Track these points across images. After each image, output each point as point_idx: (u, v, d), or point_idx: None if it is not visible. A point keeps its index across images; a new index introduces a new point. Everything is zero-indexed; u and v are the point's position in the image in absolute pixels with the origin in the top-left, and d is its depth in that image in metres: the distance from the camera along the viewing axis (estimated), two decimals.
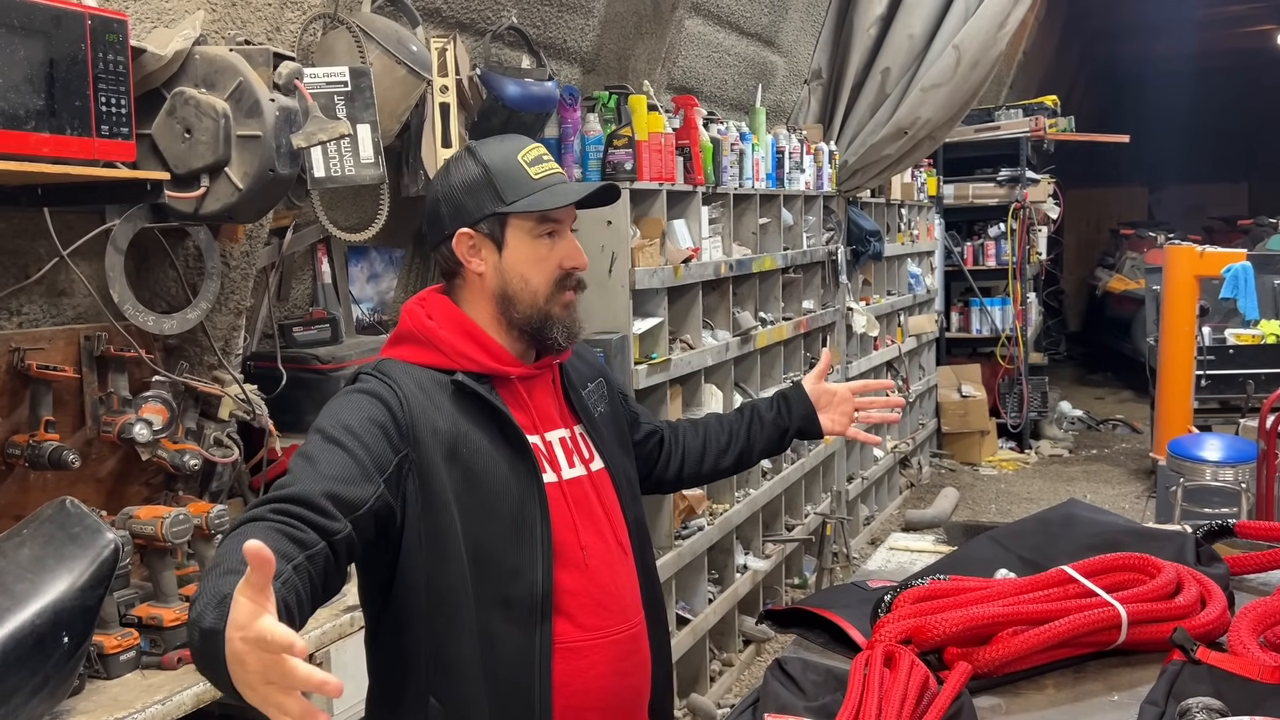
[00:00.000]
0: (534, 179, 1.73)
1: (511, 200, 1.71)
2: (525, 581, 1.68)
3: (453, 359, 1.72)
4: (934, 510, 6.86)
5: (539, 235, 1.73)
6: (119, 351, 2.49)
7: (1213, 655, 1.63)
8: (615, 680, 1.77)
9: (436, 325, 1.74)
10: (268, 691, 1.15)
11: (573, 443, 1.81)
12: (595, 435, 1.85)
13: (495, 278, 1.74)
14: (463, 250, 1.74)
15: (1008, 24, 5.44)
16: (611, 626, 1.77)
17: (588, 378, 1.91)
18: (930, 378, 8.34)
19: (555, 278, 1.75)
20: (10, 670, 1.82)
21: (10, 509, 2.32)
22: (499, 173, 1.72)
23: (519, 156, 1.74)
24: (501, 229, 1.73)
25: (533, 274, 1.73)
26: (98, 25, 1.96)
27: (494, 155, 1.74)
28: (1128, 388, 11.32)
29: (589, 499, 1.79)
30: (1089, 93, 16.27)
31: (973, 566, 2.17)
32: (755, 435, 2.14)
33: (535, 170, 1.74)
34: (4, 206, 2.19)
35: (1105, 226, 15.39)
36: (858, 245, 6.25)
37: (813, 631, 2.03)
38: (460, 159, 1.77)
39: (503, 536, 1.68)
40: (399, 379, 1.68)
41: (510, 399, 1.75)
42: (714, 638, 4.46)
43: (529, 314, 1.74)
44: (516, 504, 1.69)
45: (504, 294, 1.74)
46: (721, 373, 4.42)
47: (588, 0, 3.94)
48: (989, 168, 8.99)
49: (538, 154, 1.76)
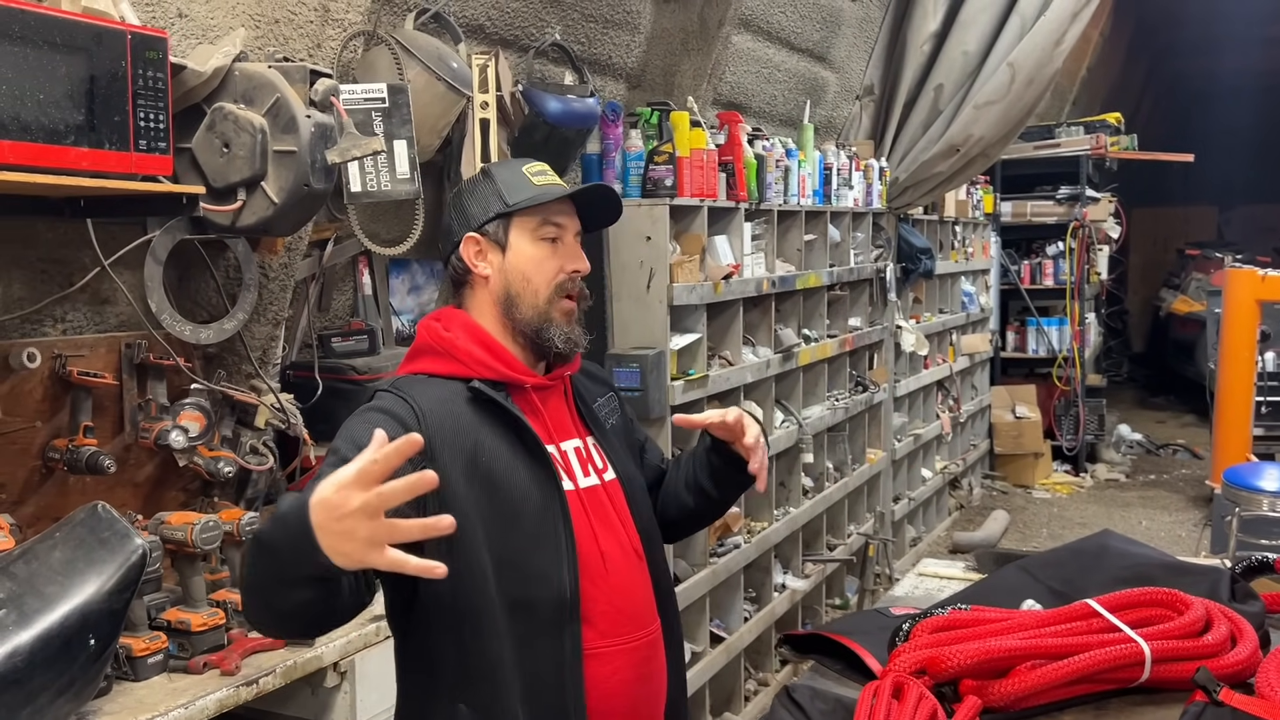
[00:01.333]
0: (536, 185, 1.82)
1: (514, 202, 1.80)
2: (552, 585, 1.70)
3: (471, 367, 1.77)
4: (983, 533, 6.75)
5: (541, 238, 1.81)
6: (158, 359, 2.54)
7: (1237, 697, 1.58)
8: (637, 686, 1.79)
9: (453, 336, 1.79)
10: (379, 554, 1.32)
11: (586, 453, 1.85)
12: (607, 445, 1.88)
13: (499, 279, 1.81)
14: (469, 254, 1.82)
15: (1064, 41, 5.35)
16: (631, 633, 1.79)
17: (597, 393, 1.95)
18: (983, 398, 8.22)
19: (556, 280, 1.81)
20: (37, 670, 1.86)
21: (49, 511, 2.38)
22: (503, 180, 1.82)
23: (524, 169, 1.85)
24: (505, 231, 1.80)
25: (534, 274, 1.80)
26: (138, 43, 2.01)
27: (500, 169, 1.86)
28: (1190, 412, 11.05)
29: (605, 508, 1.82)
30: (1156, 110, 15.95)
31: (1000, 596, 2.13)
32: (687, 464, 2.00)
33: (538, 179, 1.83)
34: (49, 218, 2.26)
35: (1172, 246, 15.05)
36: (908, 262, 6.19)
37: (830, 658, 2.00)
38: (473, 178, 1.88)
39: (527, 542, 1.71)
40: (416, 394, 1.72)
41: (525, 408, 1.79)
42: (750, 657, 4.42)
43: (529, 315, 1.79)
44: (538, 510, 1.72)
45: (507, 295, 1.80)
46: (762, 390, 4.40)
47: (634, 16, 3.96)
48: (1048, 185, 8.85)
49: (541, 168, 1.86)
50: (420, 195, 2.75)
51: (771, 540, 4.41)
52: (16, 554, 2.00)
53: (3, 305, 2.33)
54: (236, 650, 2.25)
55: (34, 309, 2.38)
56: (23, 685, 1.83)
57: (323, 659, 2.36)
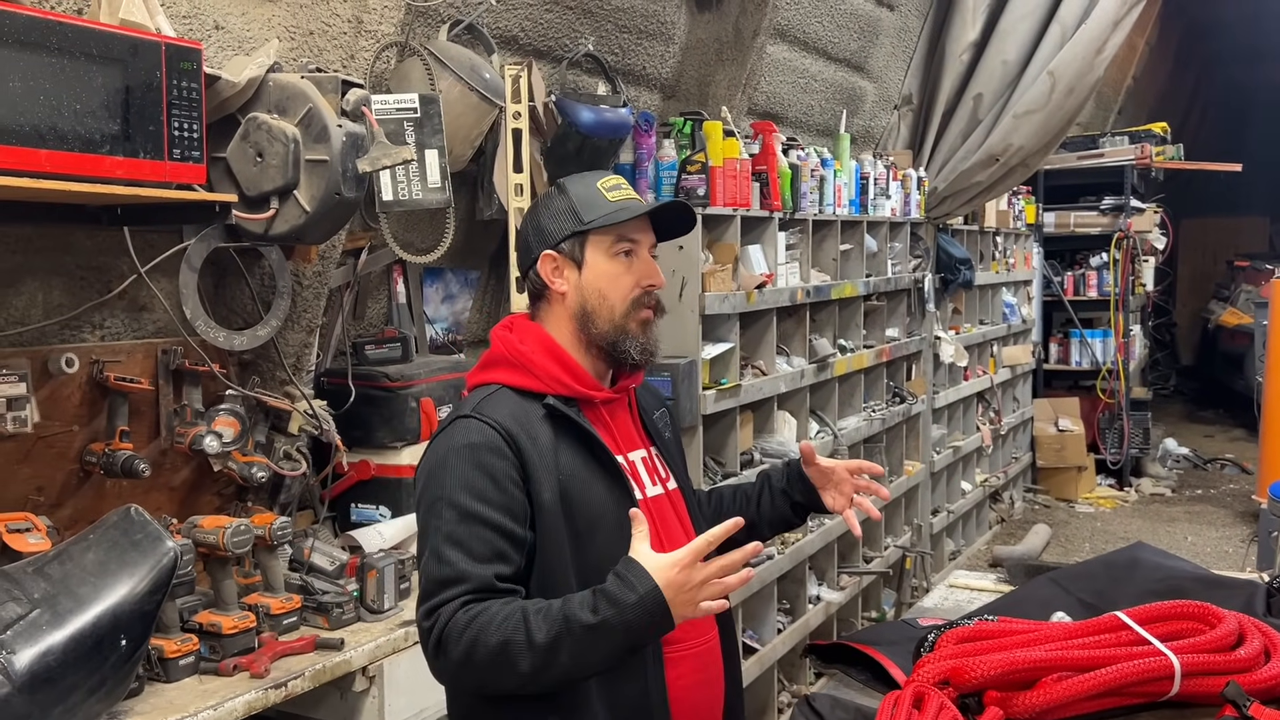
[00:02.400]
0: (610, 201, 1.83)
1: (589, 219, 1.81)
2: None
3: (545, 382, 1.80)
4: (1024, 547, 6.65)
5: (616, 254, 1.82)
6: (194, 366, 2.59)
7: (1267, 713, 1.55)
8: (701, 690, 1.83)
9: (529, 350, 1.82)
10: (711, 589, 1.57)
11: (651, 462, 1.89)
12: (668, 455, 1.93)
13: (576, 296, 1.83)
14: (546, 271, 1.83)
15: (1105, 50, 5.29)
16: (693, 639, 1.82)
17: (653, 406, 1.99)
18: (1025, 410, 8.11)
19: (633, 295, 1.83)
20: (70, 669, 1.90)
21: (86, 514, 2.42)
22: (578, 197, 1.84)
23: (598, 184, 1.86)
24: (581, 248, 1.82)
25: (610, 290, 1.82)
26: (173, 54, 2.05)
27: (575, 184, 1.87)
28: (1239, 426, 10.83)
29: (669, 516, 1.86)
30: (1205, 119, 15.68)
31: (1030, 608, 2.11)
32: (765, 505, 2.06)
33: (612, 195, 1.84)
34: (87, 226, 2.31)
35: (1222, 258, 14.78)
36: (947, 273, 6.13)
37: (856, 668, 1.99)
38: (548, 192, 1.89)
39: (608, 549, 1.73)
40: (499, 418, 1.75)
41: (595, 421, 1.83)
42: (783, 669, 4.40)
43: (606, 330, 1.81)
44: (615, 522, 1.74)
45: (584, 311, 1.82)
46: (796, 400, 4.38)
47: (668, 27, 3.97)
48: (1092, 196, 8.74)
49: (616, 182, 1.87)
50: (452, 204, 2.78)
51: (806, 551, 4.38)
52: (52, 555, 2.04)
53: (43, 311, 2.38)
54: (266, 653, 2.28)
55: (73, 315, 2.43)
56: (55, 684, 1.87)
57: (352, 663, 2.38)
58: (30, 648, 1.86)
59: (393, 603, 2.59)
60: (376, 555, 2.62)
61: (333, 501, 3.01)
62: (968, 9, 5.65)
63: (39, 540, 2.17)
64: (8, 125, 1.83)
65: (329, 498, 2.99)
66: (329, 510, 3.02)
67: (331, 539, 2.88)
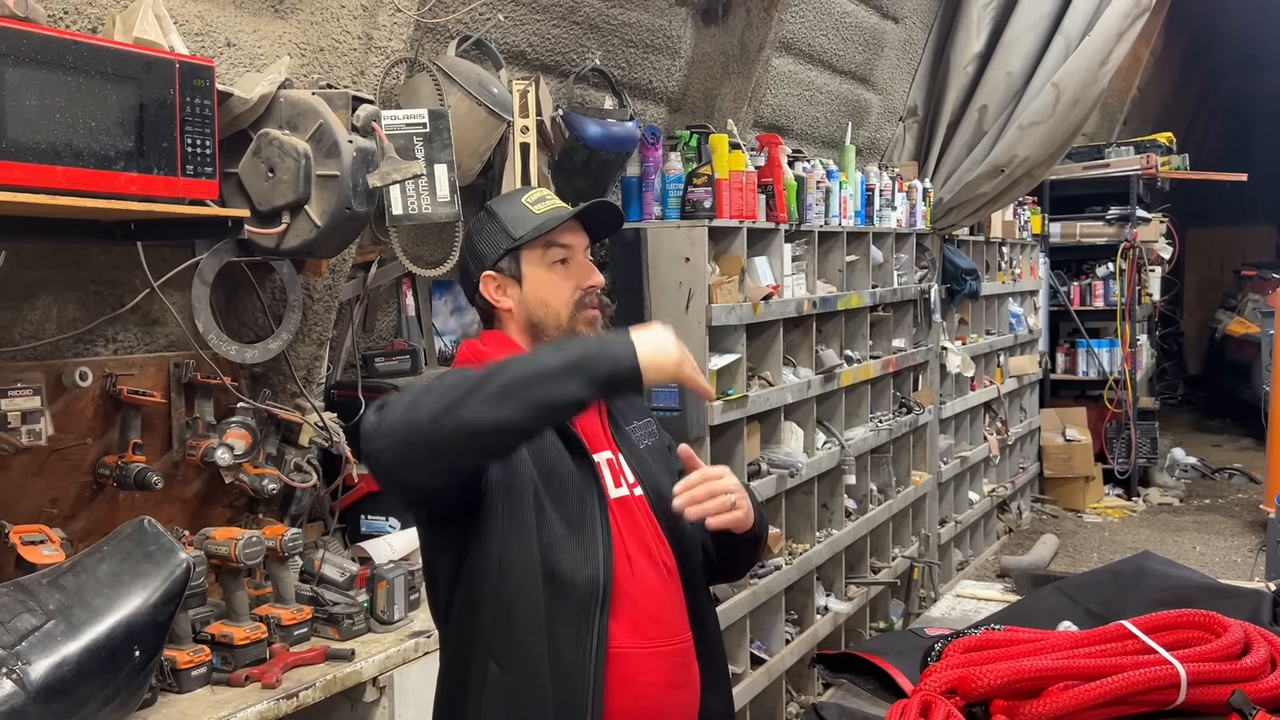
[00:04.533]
0: (536, 214, 1.89)
1: (518, 235, 1.87)
2: (589, 568, 1.75)
3: None
4: (1031, 557, 6.65)
5: (551, 262, 1.88)
6: (205, 378, 2.61)
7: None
8: (667, 692, 1.81)
9: (490, 351, 1.87)
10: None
11: (616, 465, 1.90)
12: (635, 462, 1.92)
13: (521, 310, 1.89)
14: (490, 291, 1.90)
15: (1109, 61, 5.31)
16: (659, 639, 1.81)
17: (634, 416, 1.99)
18: (1032, 420, 8.11)
19: (574, 298, 1.88)
20: (84, 680, 1.92)
21: (99, 526, 2.44)
22: (506, 217, 1.90)
23: (523, 200, 1.92)
24: (517, 264, 1.88)
25: (552, 298, 1.88)
26: (186, 71, 2.08)
27: (502, 205, 1.93)
28: (1248, 435, 10.80)
29: (634, 518, 1.86)
30: (1211, 129, 15.69)
31: (1036, 617, 2.11)
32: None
33: (538, 207, 1.90)
34: (100, 240, 2.33)
35: (1229, 267, 14.76)
36: (953, 283, 6.14)
37: (863, 677, 2.00)
38: (478, 219, 1.94)
39: (571, 520, 1.76)
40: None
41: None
42: (791, 679, 4.40)
43: (557, 335, 1.87)
44: (582, 499, 1.78)
45: (531, 322, 1.88)
46: (803, 411, 4.39)
47: (674, 41, 4.00)
48: (1098, 206, 8.74)
49: (540, 195, 1.94)
50: (460, 218, 2.80)
51: (813, 562, 4.39)
52: (66, 567, 2.06)
53: (57, 325, 2.41)
54: (278, 664, 2.29)
55: (86, 329, 2.45)
56: (70, 694, 1.89)
57: (362, 673, 2.39)
58: (45, 659, 1.88)
59: (403, 614, 2.60)
60: (386, 566, 2.64)
61: (343, 513, 3.03)
62: (972, 21, 5.67)
63: (53, 552, 2.19)
64: (24, 143, 1.85)
65: (339, 509, 3.01)
66: (339, 522, 3.04)
67: (342, 550, 2.90)
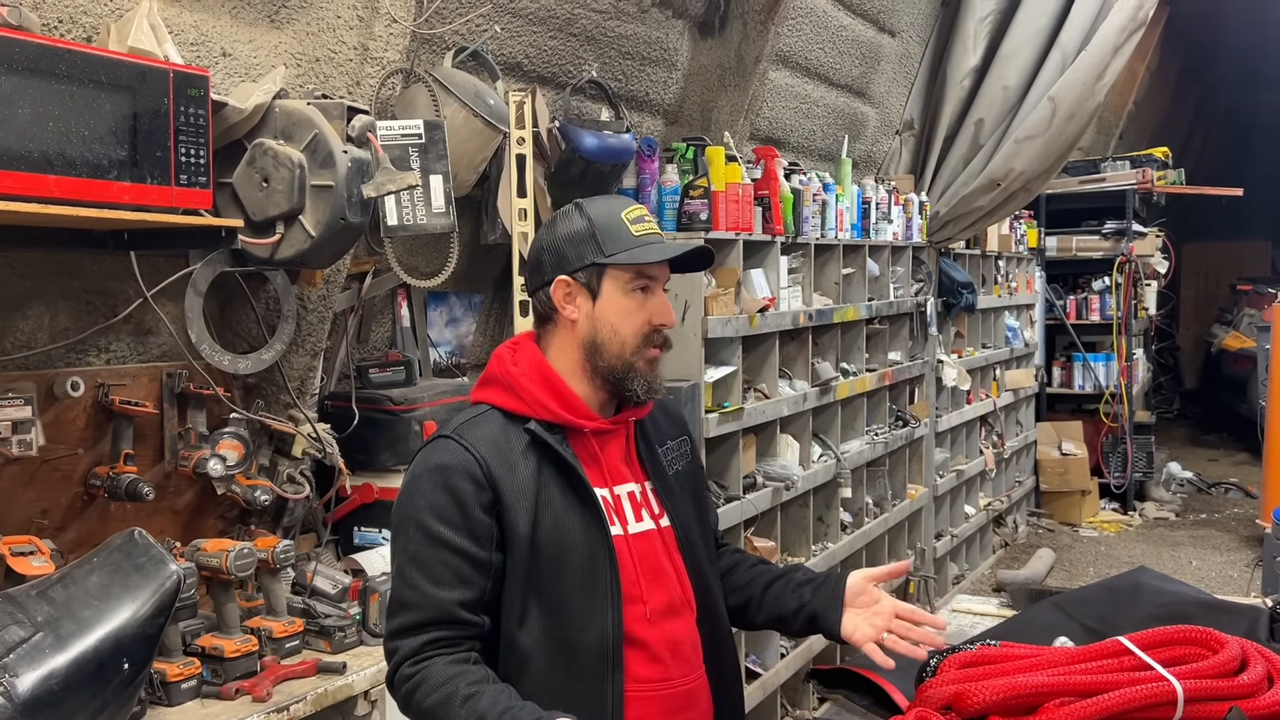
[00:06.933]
0: (634, 235, 1.78)
1: (611, 253, 1.76)
2: (596, 630, 1.72)
3: (530, 406, 1.78)
4: (1027, 571, 6.63)
5: (632, 289, 1.78)
6: (198, 389, 2.60)
7: None
8: None
9: (519, 372, 1.81)
10: None
11: (642, 498, 1.85)
12: (665, 492, 1.87)
13: (587, 325, 1.79)
14: (559, 296, 1.79)
15: (1106, 75, 5.32)
16: (666, 680, 1.78)
17: (668, 434, 1.94)
18: (1028, 434, 8.11)
19: (644, 332, 1.79)
20: (72, 693, 1.90)
21: (90, 537, 2.43)
22: (602, 226, 1.78)
23: (622, 214, 1.80)
24: (598, 279, 1.78)
25: (623, 325, 1.78)
26: (180, 81, 2.07)
27: (599, 211, 1.81)
28: (1244, 450, 10.80)
29: (656, 553, 1.82)
30: (1207, 144, 15.73)
31: (1032, 633, 2.10)
32: (772, 595, 1.94)
33: (636, 228, 1.79)
34: (94, 250, 2.32)
35: (1225, 281, 14.79)
36: (949, 297, 6.15)
37: (858, 693, 1.99)
38: (567, 213, 1.83)
39: (573, 587, 1.73)
40: (476, 441, 1.74)
41: (582, 451, 1.80)
42: (786, 693, 4.38)
43: (613, 364, 1.79)
44: (587, 555, 1.74)
45: (593, 342, 1.79)
46: (799, 423, 4.38)
47: (671, 54, 4.00)
48: (1094, 220, 8.76)
49: (640, 214, 1.82)
50: (456, 229, 2.80)
51: None
52: (55, 578, 2.04)
53: (49, 335, 2.40)
54: (268, 677, 2.28)
55: (79, 339, 2.44)
56: (57, 707, 1.87)
57: (354, 687, 2.37)
58: (33, 671, 1.86)
59: None
60: (379, 579, 2.62)
61: (336, 525, 3.02)
62: (969, 35, 5.69)
63: (43, 563, 2.17)
64: (17, 151, 1.84)
65: (332, 521, 3.00)
66: (332, 534, 3.02)
67: (334, 562, 2.88)
